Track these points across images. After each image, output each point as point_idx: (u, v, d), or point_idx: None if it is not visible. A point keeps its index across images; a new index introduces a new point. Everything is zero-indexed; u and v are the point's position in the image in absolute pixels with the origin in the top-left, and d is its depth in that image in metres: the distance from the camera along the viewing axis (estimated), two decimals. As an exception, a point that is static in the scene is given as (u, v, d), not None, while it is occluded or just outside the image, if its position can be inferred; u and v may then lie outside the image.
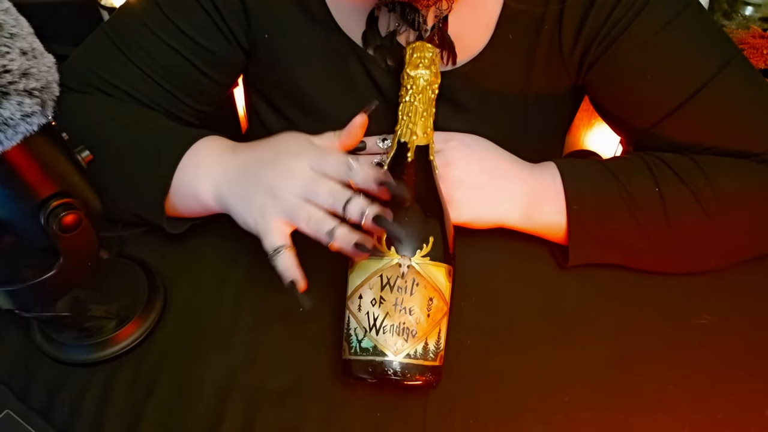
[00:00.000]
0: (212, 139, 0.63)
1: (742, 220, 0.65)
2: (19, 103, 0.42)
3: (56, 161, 0.49)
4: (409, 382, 0.53)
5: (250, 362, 0.60)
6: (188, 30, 0.69)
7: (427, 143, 0.59)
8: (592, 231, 0.64)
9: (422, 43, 0.60)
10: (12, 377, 0.58)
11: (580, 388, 0.58)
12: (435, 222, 0.57)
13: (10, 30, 0.41)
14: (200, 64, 0.71)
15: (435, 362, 0.54)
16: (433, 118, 0.60)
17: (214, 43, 0.71)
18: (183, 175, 0.61)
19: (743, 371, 0.60)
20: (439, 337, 0.54)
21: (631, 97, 0.69)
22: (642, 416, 0.57)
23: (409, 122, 0.59)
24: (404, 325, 0.53)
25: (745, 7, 1.25)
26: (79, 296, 0.59)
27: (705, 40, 0.66)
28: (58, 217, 0.49)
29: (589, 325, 0.63)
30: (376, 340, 0.53)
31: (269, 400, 0.57)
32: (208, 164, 0.61)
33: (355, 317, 0.54)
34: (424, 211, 0.57)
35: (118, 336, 0.60)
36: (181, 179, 0.61)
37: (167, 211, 0.63)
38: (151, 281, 0.64)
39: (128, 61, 0.69)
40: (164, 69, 0.70)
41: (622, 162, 0.67)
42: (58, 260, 0.51)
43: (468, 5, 0.66)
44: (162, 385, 0.58)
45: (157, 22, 0.69)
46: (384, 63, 0.70)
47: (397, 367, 0.52)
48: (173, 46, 0.69)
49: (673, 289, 0.66)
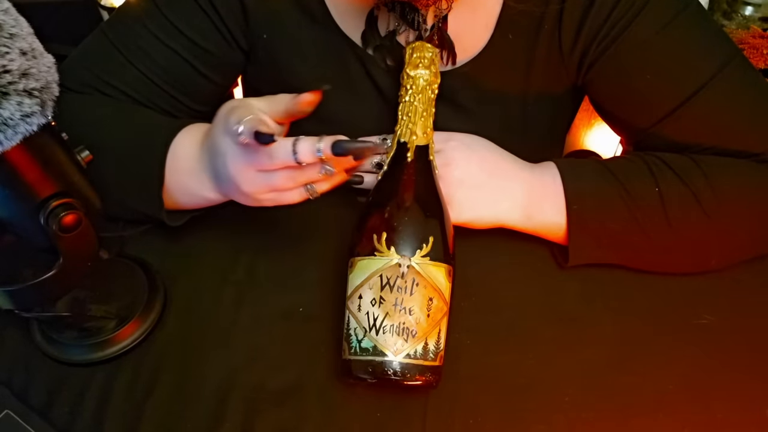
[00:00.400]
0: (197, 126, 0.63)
1: (742, 219, 0.65)
2: (19, 103, 0.42)
3: (56, 161, 0.49)
4: (409, 382, 0.53)
5: (250, 362, 0.60)
6: (187, 31, 0.69)
7: (426, 143, 0.59)
8: (592, 231, 0.64)
9: (422, 43, 0.60)
10: (12, 377, 0.58)
11: (580, 388, 0.58)
12: (435, 222, 0.57)
13: (9, 30, 0.41)
14: (198, 64, 0.71)
15: (435, 362, 0.54)
16: (432, 118, 0.60)
17: (212, 44, 0.71)
18: (172, 164, 0.61)
19: (743, 371, 0.60)
20: (439, 337, 0.54)
21: (630, 97, 0.68)
22: (642, 416, 0.57)
23: (408, 122, 0.59)
24: (404, 325, 0.53)
25: (745, 7, 1.25)
26: (78, 296, 0.59)
27: (705, 40, 0.66)
28: (58, 217, 0.49)
29: (589, 325, 0.63)
30: (375, 340, 0.53)
31: (269, 400, 0.57)
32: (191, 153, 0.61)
33: (355, 317, 0.54)
34: (424, 211, 0.56)
35: (118, 336, 0.60)
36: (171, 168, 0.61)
37: (166, 204, 0.63)
38: (151, 281, 0.64)
39: (126, 62, 0.69)
40: (162, 69, 0.70)
41: (622, 162, 0.67)
42: (58, 260, 0.51)
43: (467, 5, 0.66)
44: (162, 385, 0.58)
45: (156, 22, 0.69)
46: (383, 63, 0.70)
47: (397, 367, 0.52)
48: (171, 46, 0.69)
49: (673, 289, 0.66)
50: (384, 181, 0.59)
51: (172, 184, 0.62)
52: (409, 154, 0.58)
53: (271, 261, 0.67)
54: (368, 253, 0.55)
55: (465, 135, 0.67)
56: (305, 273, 0.67)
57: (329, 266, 0.66)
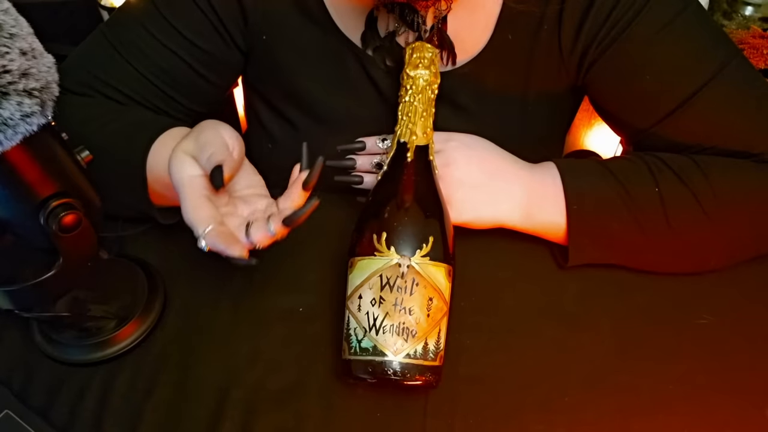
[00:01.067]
0: (179, 129, 0.63)
1: (742, 220, 0.65)
2: (19, 103, 0.42)
3: (56, 161, 0.49)
4: (409, 382, 0.53)
5: (249, 362, 0.60)
6: (185, 31, 0.69)
7: (426, 143, 0.59)
8: (591, 231, 0.64)
9: (422, 44, 0.60)
10: (12, 377, 0.58)
11: (580, 388, 0.58)
12: (434, 222, 0.56)
13: (9, 30, 0.41)
14: (197, 65, 0.71)
15: (435, 362, 0.54)
16: (432, 119, 0.60)
17: (211, 45, 0.71)
18: (155, 165, 0.60)
19: (743, 371, 0.60)
20: (439, 337, 0.54)
21: (630, 97, 0.68)
22: (642, 416, 0.57)
23: (408, 122, 0.59)
24: (404, 325, 0.53)
25: (745, 7, 1.25)
26: (78, 296, 0.59)
27: (705, 41, 0.66)
28: (58, 217, 0.48)
29: (589, 325, 0.63)
30: (375, 340, 0.53)
31: (269, 400, 0.57)
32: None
33: (355, 317, 0.54)
34: (424, 211, 0.56)
35: (118, 336, 0.60)
36: (154, 168, 0.60)
37: (158, 201, 0.62)
38: (150, 281, 0.64)
39: (125, 62, 0.69)
40: (161, 70, 0.70)
41: (622, 162, 0.67)
42: (58, 260, 0.51)
43: (467, 6, 0.66)
44: (162, 385, 0.58)
45: (155, 23, 0.69)
46: (383, 64, 0.70)
47: (396, 367, 0.52)
48: (170, 47, 0.69)
49: (673, 289, 0.66)
50: (384, 182, 0.59)
51: (155, 183, 0.61)
52: (409, 154, 0.58)
53: (270, 261, 0.67)
54: (368, 253, 0.55)
55: (465, 135, 0.67)
56: (305, 273, 0.67)
57: (329, 266, 0.66)
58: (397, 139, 0.60)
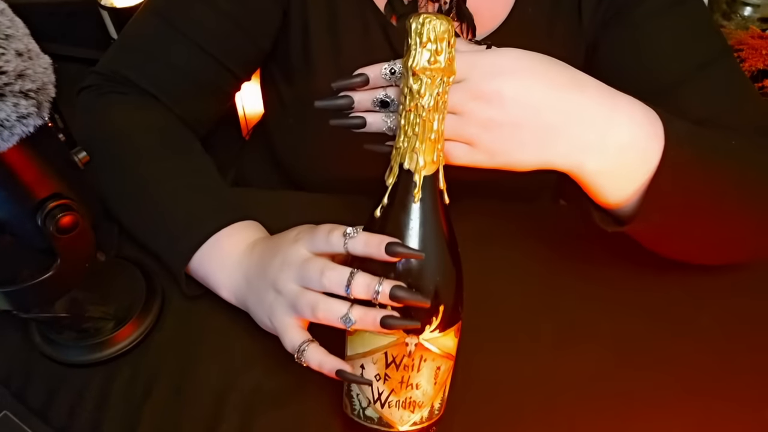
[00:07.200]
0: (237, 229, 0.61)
1: None
2: (15, 104, 0.42)
3: (53, 162, 0.49)
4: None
5: (248, 364, 0.60)
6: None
7: (437, 168, 0.45)
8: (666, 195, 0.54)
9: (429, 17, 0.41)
10: (10, 378, 0.58)
11: (580, 388, 0.58)
12: (446, 283, 0.47)
13: (5, 31, 0.41)
14: (247, 24, 0.71)
15: (438, 416, 0.52)
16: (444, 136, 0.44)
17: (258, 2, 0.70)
18: (202, 262, 0.60)
19: (743, 371, 0.60)
20: (444, 394, 0.52)
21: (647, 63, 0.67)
22: (642, 416, 0.56)
23: (415, 141, 0.43)
24: (411, 399, 0.49)
25: (744, 8, 1.25)
26: (77, 297, 0.58)
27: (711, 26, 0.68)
28: (55, 218, 0.48)
29: (588, 325, 0.63)
30: (381, 413, 0.50)
31: (267, 402, 0.57)
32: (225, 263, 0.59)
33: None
34: (434, 275, 0.46)
35: (117, 337, 0.60)
36: (201, 265, 0.60)
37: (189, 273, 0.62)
38: (148, 282, 0.64)
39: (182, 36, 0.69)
40: (212, 36, 0.70)
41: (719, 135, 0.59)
42: (56, 261, 0.51)
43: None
44: (160, 387, 0.58)
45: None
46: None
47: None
48: (222, 9, 0.69)
49: (673, 289, 0.66)
50: (382, 225, 0.46)
51: (197, 274, 0.61)
52: (416, 191, 0.44)
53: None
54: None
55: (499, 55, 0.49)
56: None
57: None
58: (399, 162, 0.44)
